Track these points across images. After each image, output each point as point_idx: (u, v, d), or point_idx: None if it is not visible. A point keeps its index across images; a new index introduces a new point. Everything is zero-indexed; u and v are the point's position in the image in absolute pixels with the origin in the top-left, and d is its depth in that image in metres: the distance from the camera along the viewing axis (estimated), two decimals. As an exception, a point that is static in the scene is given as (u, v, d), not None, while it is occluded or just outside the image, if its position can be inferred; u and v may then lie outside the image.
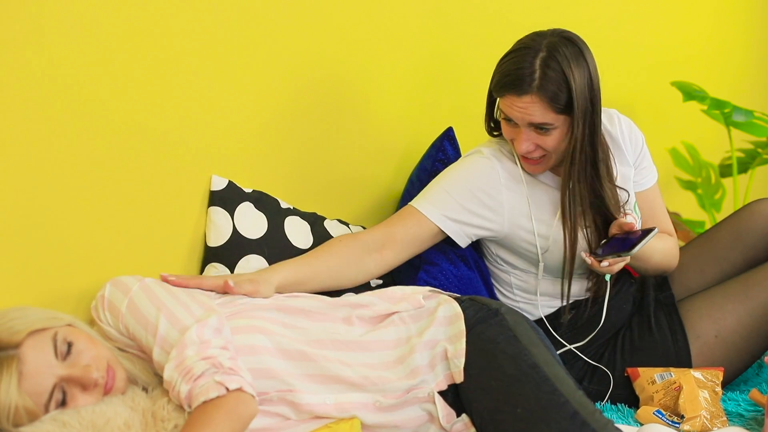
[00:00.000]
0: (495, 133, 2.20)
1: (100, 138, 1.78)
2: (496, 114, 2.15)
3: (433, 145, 2.36)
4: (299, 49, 2.16)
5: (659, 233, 2.15)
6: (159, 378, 1.61)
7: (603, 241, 2.11)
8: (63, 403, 1.47)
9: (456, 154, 2.33)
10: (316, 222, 2.16)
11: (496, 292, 2.29)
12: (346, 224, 2.24)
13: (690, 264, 2.29)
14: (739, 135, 3.34)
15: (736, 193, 3.36)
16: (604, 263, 2.02)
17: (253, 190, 2.07)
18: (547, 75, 1.96)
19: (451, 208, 2.09)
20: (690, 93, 3.14)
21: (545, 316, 2.21)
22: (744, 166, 3.41)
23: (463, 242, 2.14)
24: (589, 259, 2.04)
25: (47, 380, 1.45)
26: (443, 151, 2.32)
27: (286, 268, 1.94)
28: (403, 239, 2.09)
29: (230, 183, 2.03)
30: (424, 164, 2.34)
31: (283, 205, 2.12)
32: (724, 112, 3.13)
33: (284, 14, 2.12)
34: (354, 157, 2.34)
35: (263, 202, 2.08)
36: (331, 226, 2.18)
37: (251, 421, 1.52)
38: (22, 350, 1.44)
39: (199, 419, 1.46)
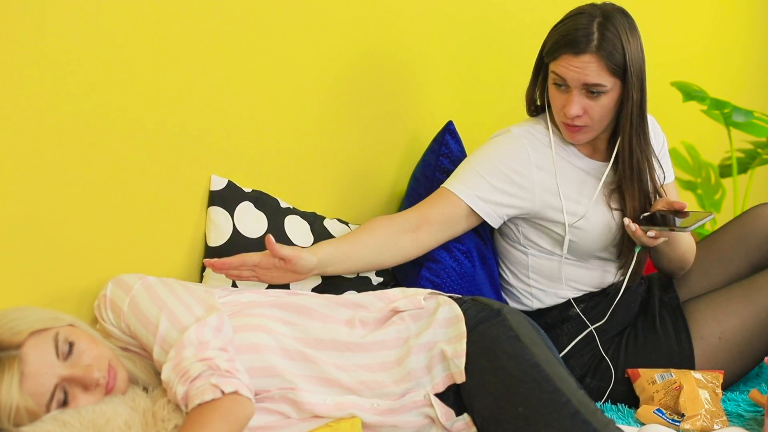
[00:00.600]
0: (534, 114, 2.25)
1: (100, 138, 1.78)
2: (536, 94, 2.20)
3: (435, 140, 2.36)
4: (298, 49, 2.16)
5: None
6: (160, 378, 1.61)
7: (645, 214, 2.13)
8: (64, 403, 1.47)
9: (459, 147, 2.34)
10: (315, 221, 2.16)
11: (507, 273, 2.31)
12: (346, 223, 2.24)
13: (694, 266, 2.31)
14: (739, 135, 3.34)
15: (736, 193, 3.36)
16: (651, 233, 2.04)
17: (253, 190, 2.07)
18: (605, 36, 2.02)
19: (483, 188, 2.12)
20: (690, 93, 3.14)
21: (554, 306, 2.24)
22: (744, 166, 3.41)
23: (495, 223, 2.17)
24: (634, 226, 2.05)
25: (49, 380, 1.45)
26: (446, 145, 2.32)
27: (327, 245, 1.98)
28: (437, 220, 2.11)
29: (230, 183, 2.02)
30: (428, 159, 2.34)
31: (283, 204, 2.12)
32: (723, 112, 3.14)
33: (283, 16, 2.12)
34: (354, 156, 2.34)
35: (263, 201, 2.08)
36: (330, 225, 2.18)
37: (247, 423, 1.51)
38: (23, 350, 1.44)
39: (196, 421, 1.46)
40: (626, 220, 2.07)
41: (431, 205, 2.13)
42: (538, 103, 2.24)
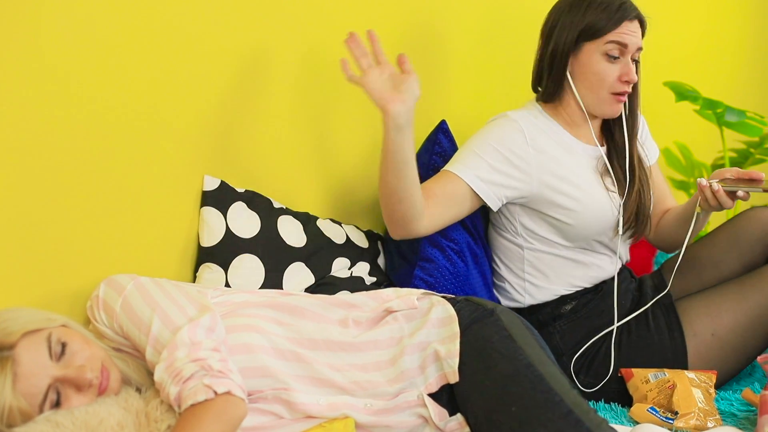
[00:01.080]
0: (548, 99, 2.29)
1: (92, 138, 1.78)
2: (567, 68, 2.22)
3: (428, 139, 2.37)
4: (290, 49, 2.16)
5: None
6: (152, 378, 1.61)
7: (713, 180, 2.16)
8: (57, 404, 1.47)
9: (451, 146, 2.34)
10: (308, 221, 2.16)
11: (501, 267, 2.32)
12: (339, 224, 2.24)
13: (687, 267, 2.32)
14: (732, 135, 3.34)
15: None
16: (740, 193, 2.08)
17: (246, 190, 2.07)
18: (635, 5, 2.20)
19: (483, 168, 2.15)
20: (682, 93, 3.14)
21: (546, 303, 2.26)
22: (736, 166, 3.41)
23: (494, 205, 2.19)
24: (717, 185, 2.10)
25: (42, 381, 1.45)
26: (439, 144, 2.33)
27: None
28: (440, 193, 2.13)
29: (222, 183, 2.02)
30: (421, 159, 2.34)
31: (276, 204, 2.12)
32: (716, 112, 3.14)
33: (275, 17, 2.12)
34: (347, 155, 2.34)
35: (256, 201, 2.08)
36: (323, 225, 2.18)
37: (240, 423, 1.51)
38: (16, 351, 1.44)
39: (189, 422, 1.46)
40: (703, 181, 2.12)
41: (432, 181, 2.16)
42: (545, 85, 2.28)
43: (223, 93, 2.02)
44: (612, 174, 2.25)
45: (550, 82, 2.24)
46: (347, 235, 2.23)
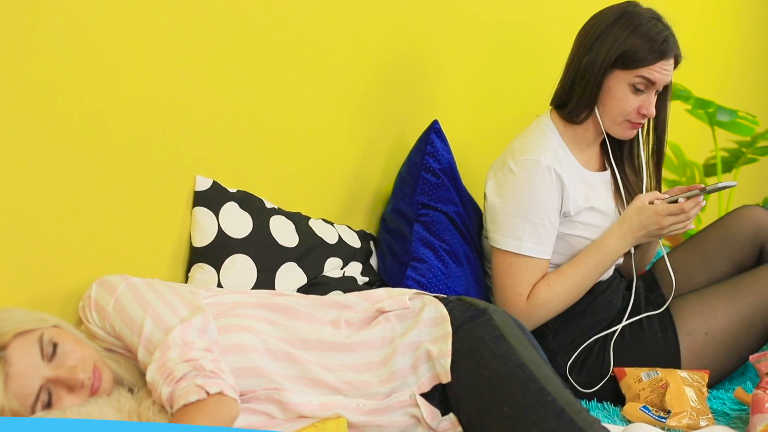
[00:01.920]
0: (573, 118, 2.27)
1: (84, 139, 1.77)
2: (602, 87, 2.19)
3: (420, 139, 2.36)
4: (282, 51, 2.16)
5: None
6: (145, 379, 1.61)
7: (666, 197, 2.21)
8: (49, 405, 1.46)
9: (444, 146, 2.34)
10: (300, 221, 2.15)
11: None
12: (331, 224, 2.24)
13: (678, 267, 2.32)
14: (724, 134, 3.35)
15: (721, 192, 3.37)
16: (681, 199, 2.13)
17: (238, 190, 2.07)
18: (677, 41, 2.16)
19: (550, 236, 2.17)
20: (674, 93, 3.15)
21: None
22: (728, 165, 3.42)
23: None
24: (692, 202, 2.14)
25: (33, 382, 1.45)
26: (431, 144, 2.32)
27: None
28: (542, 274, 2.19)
29: (215, 183, 2.02)
30: (414, 159, 2.34)
31: (268, 204, 2.12)
32: (708, 111, 3.15)
33: (266, 18, 2.12)
34: (339, 155, 2.34)
35: (248, 201, 2.07)
36: (315, 225, 2.18)
37: (233, 424, 1.51)
38: (8, 352, 1.43)
39: (181, 422, 1.46)
40: (681, 199, 2.14)
41: (526, 277, 2.17)
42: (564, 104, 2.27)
43: (215, 94, 2.02)
44: (623, 195, 2.27)
45: (581, 100, 2.20)
46: (339, 235, 2.23)
